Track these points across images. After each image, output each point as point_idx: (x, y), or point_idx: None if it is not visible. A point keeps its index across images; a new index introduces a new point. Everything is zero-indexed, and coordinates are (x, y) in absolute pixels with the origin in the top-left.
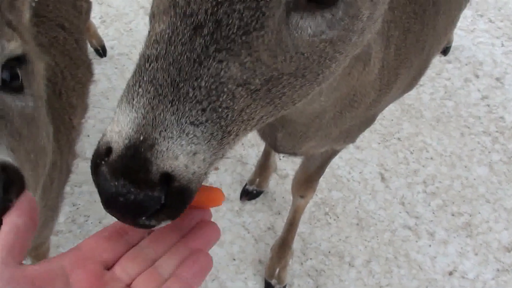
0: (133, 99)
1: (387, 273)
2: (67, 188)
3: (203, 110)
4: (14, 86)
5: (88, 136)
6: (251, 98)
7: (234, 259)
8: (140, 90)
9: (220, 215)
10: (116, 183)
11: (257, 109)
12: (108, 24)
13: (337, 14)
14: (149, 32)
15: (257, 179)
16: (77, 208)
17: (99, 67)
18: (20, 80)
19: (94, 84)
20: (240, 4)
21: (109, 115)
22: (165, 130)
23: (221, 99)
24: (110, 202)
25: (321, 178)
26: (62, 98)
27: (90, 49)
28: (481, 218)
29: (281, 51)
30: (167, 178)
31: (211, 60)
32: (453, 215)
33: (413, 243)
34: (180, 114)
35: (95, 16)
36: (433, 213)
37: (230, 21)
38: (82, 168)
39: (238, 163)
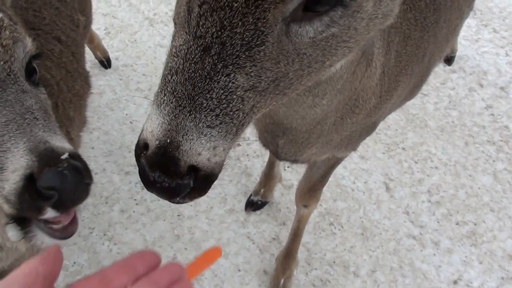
0: (161, 105)
1: (392, 283)
2: None
3: (217, 115)
4: (33, 80)
5: (93, 148)
6: (260, 96)
7: (239, 270)
8: (165, 98)
9: (225, 226)
10: (153, 174)
11: (267, 101)
12: (113, 36)
13: (335, 16)
14: (173, 37)
15: (262, 190)
16: (82, 220)
17: (104, 78)
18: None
19: (98, 96)
20: (240, 28)
21: (113, 126)
22: (186, 134)
23: (231, 105)
24: (150, 187)
25: (326, 188)
26: (59, 111)
27: (95, 61)
28: (486, 227)
29: (283, 56)
30: (194, 168)
31: (219, 75)
32: (457, 224)
33: (417, 252)
34: (198, 120)
35: (100, 28)
36: (438, 222)
37: (233, 41)
38: None
39: (243, 174)
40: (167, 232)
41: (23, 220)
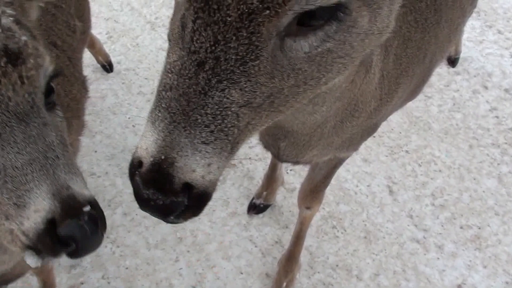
0: (155, 121)
1: (396, 287)
2: None
3: (212, 131)
4: (49, 101)
5: (96, 151)
6: (255, 113)
7: (241, 273)
8: (160, 114)
9: (227, 229)
10: (147, 192)
11: (262, 118)
12: (115, 40)
13: (330, 30)
14: (167, 54)
15: (264, 193)
16: None
17: (106, 82)
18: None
19: (101, 100)
20: (234, 42)
21: (116, 130)
22: (181, 150)
23: (226, 121)
24: (144, 205)
25: (329, 191)
26: None
27: (97, 65)
28: (490, 230)
29: (278, 72)
30: (189, 185)
31: (214, 90)
32: (461, 227)
33: (421, 256)
34: (192, 136)
35: (102, 32)
36: (442, 226)
37: (227, 56)
38: (89, 184)
39: (245, 177)
40: (169, 234)
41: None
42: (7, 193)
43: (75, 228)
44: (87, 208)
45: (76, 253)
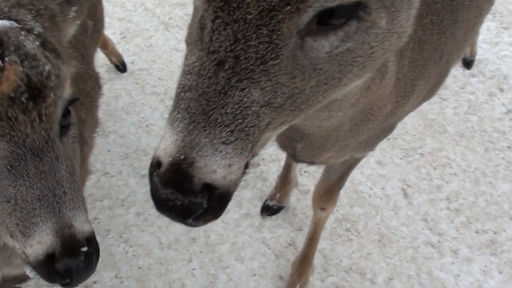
0: (174, 123)
1: None
2: (88, 203)
3: (232, 131)
4: (63, 123)
5: (109, 151)
6: (276, 113)
7: (254, 275)
8: (179, 115)
9: (240, 230)
10: (166, 191)
11: (282, 117)
12: (129, 40)
13: (349, 31)
14: (185, 57)
15: (278, 194)
16: (98, 223)
17: (120, 82)
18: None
19: (114, 99)
20: (254, 40)
21: (129, 130)
22: (201, 151)
23: (246, 121)
24: (161, 206)
25: (343, 194)
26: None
27: (111, 65)
28: (506, 235)
29: (299, 71)
30: (209, 186)
31: (234, 90)
32: (477, 232)
33: (436, 261)
34: (212, 136)
35: (116, 32)
36: (457, 230)
37: (248, 55)
38: (103, 183)
39: (259, 178)
40: (182, 235)
41: None
42: (15, 219)
43: (71, 267)
44: (85, 248)
45: (69, 284)
